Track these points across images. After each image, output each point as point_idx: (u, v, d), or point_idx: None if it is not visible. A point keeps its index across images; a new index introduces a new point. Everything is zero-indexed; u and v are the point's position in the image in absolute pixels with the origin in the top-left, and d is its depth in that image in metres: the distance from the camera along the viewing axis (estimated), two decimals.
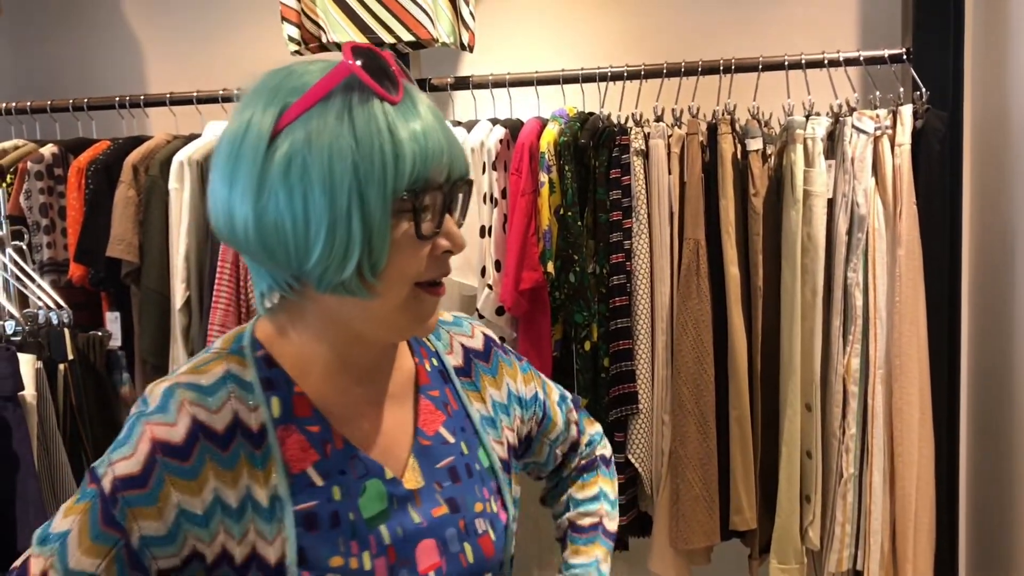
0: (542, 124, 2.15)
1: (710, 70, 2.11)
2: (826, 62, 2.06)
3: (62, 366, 1.65)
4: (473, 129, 2.19)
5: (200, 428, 0.83)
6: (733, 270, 2.01)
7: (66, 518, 0.83)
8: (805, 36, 2.34)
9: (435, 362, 1.01)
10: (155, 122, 2.56)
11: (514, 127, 2.21)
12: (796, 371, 1.97)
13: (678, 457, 2.04)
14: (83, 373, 1.69)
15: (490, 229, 2.13)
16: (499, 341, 1.10)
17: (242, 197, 0.80)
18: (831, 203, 1.98)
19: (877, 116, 1.95)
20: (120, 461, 0.82)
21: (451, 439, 0.96)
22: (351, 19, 2.13)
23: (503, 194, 2.15)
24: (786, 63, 2.08)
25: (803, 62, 2.07)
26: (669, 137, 2.06)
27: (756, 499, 2.04)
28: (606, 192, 2.07)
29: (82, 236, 2.31)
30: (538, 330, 2.11)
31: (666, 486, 2.07)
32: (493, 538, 0.95)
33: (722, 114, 2.05)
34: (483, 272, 2.13)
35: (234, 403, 0.85)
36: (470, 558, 0.92)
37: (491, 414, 1.02)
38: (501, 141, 2.14)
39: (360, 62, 0.80)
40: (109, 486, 0.81)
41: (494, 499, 0.97)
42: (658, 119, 2.11)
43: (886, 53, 2.06)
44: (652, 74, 2.15)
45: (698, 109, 2.11)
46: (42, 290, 1.73)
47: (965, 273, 2.12)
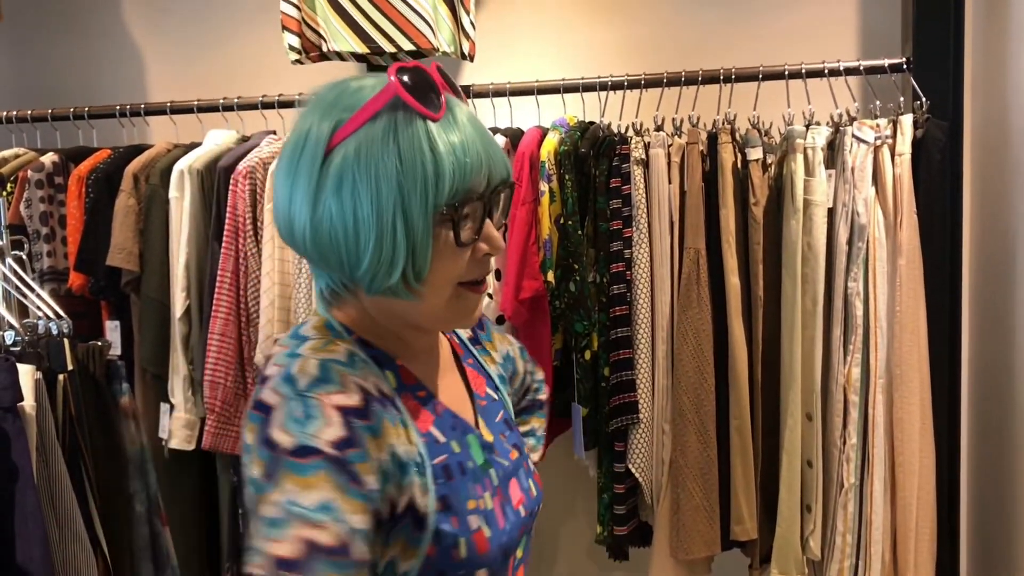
0: (542, 133, 2.15)
1: (710, 79, 2.12)
2: (826, 71, 2.06)
3: (61, 377, 1.64)
4: None
5: (365, 392, 0.89)
6: (733, 279, 2.01)
7: (310, 491, 0.80)
8: (805, 45, 2.34)
9: (458, 336, 1.14)
10: (156, 131, 2.56)
11: (514, 136, 2.21)
12: (797, 380, 1.97)
13: (678, 467, 2.04)
14: (82, 384, 1.68)
15: None
16: None
17: (300, 206, 0.89)
18: (831, 212, 1.98)
19: (877, 126, 1.96)
20: (324, 430, 0.83)
21: (495, 396, 1.10)
22: (352, 28, 2.13)
23: None
24: (786, 72, 2.08)
25: (803, 71, 2.07)
26: (669, 146, 2.06)
27: (757, 509, 2.04)
28: (606, 201, 2.07)
29: (82, 245, 2.31)
30: (538, 339, 2.11)
31: (666, 496, 2.06)
32: (538, 474, 1.11)
33: (722, 123, 2.05)
34: None
35: (369, 374, 0.92)
36: (533, 492, 1.06)
37: (502, 372, 1.16)
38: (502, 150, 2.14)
39: (406, 80, 0.87)
40: (331, 451, 0.82)
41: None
42: (658, 128, 2.11)
43: (886, 63, 2.06)
44: (652, 83, 2.15)
45: (698, 118, 2.11)
46: (42, 300, 1.72)
47: (965, 282, 2.12)
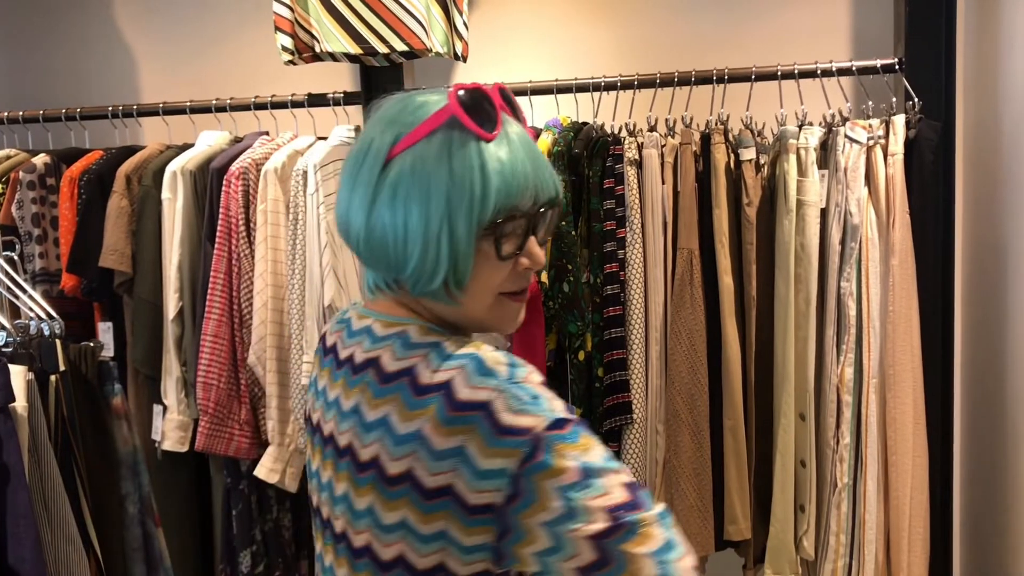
0: (536, 134, 2.15)
1: (703, 80, 2.12)
2: (819, 72, 2.07)
3: (53, 377, 1.64)
4: None
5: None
6: (727, 280, 2.01)
7: (592, 450, 1.00)
8: (798, 46, 2.34)
9: None
10: (148, 132, 2.55)
11: None
12: (790, 381, 1.97)
13: (672, 467, 2.04)
14: (74, 384, 1.67)
15: None
16: None
17: (357, 210, 0.97)
18: (824, 213, 1.98)
19: (870, 126, 1.96)
20: (553, 402, 0.95)
21: None
22: (345, 29, 2.12)
23: None
24: (779, 73, 2.08)
25: (796, 72, 2.07)
26: (663, 147, 2.06)
27: (750, 509, 2.04)
28: (600, 202, 2.07)
29: (74, 246, 2.30)
30: (532, 340, 2.11)
31: (660, 496, 2.06)
32: None
33: (715, 124, 2.05)
34: None
35: None
36: None
37: None
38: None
39: (465, 100, 0.94)
40: (572, 415, 0.97)
41: None
42: (651, 129, 2.11)
43: (878, 63, 2.07)
44: (645, 84, 2.15)
45: (691, 119, 2.11)
46: (34, 301, 1.71)
47: (958, 282, 2.13)
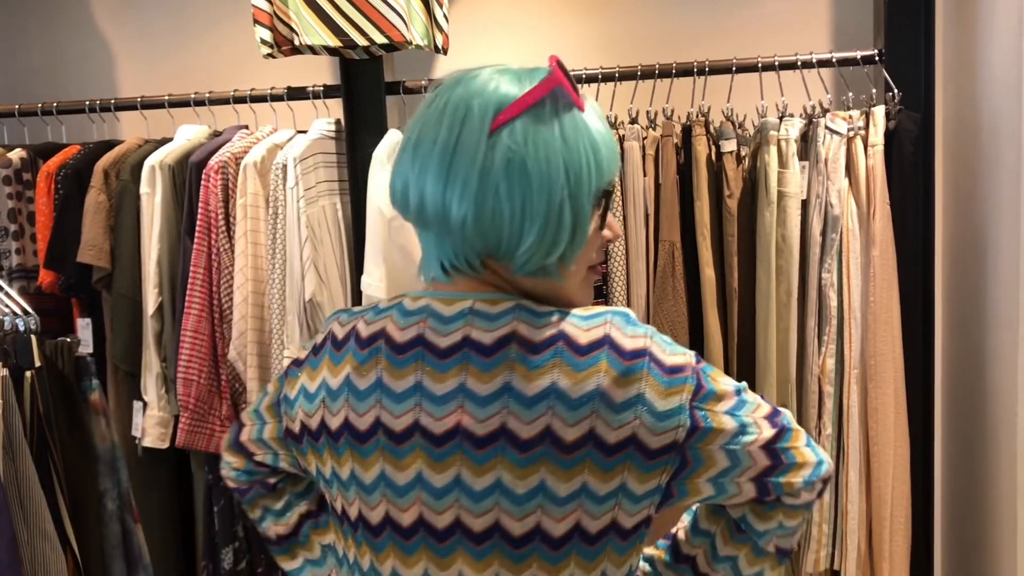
0: None
1: (684, 72, 2.12)
2: (799, 64, 2.07)
3: (29, 373, 1.62)
4: None
5: None
6: (708, 272, 2.01)
7: (723, 377, 1.06)
8: (778, 38, 2.34)
9: None
10: (126, 126, 2.53)
11: None
12: (772, 371, 1.97)
13: None
14: (50, 380, 1.66)
15: None
16: None
17: (461, 191, 0.91)
18: (805, 204, 1.98)
19: (850, 117, 1.96)
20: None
21: None
22: (324, 22, 2.11)
23: None
24: (759, 65, 2.08)
25: (776, 64, 2.08)
26: (644, 139, 2.06)
27: None
28: None
29: (52, 242, 2.28)
30: None
31: None
32: None
33: (696, 116, 2.05)
34: None
35: None
36: None
37: None
38: None
39: (565, 70, 0.92)
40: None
41: None
42: (633, 121, 2.11)
43: (858, 55, 2.07)
44: (626, 76, 2.15)
45: (672, 111, 2.11)
46: (8, 296, 1.70)
47: (938, 272, 2.14)
